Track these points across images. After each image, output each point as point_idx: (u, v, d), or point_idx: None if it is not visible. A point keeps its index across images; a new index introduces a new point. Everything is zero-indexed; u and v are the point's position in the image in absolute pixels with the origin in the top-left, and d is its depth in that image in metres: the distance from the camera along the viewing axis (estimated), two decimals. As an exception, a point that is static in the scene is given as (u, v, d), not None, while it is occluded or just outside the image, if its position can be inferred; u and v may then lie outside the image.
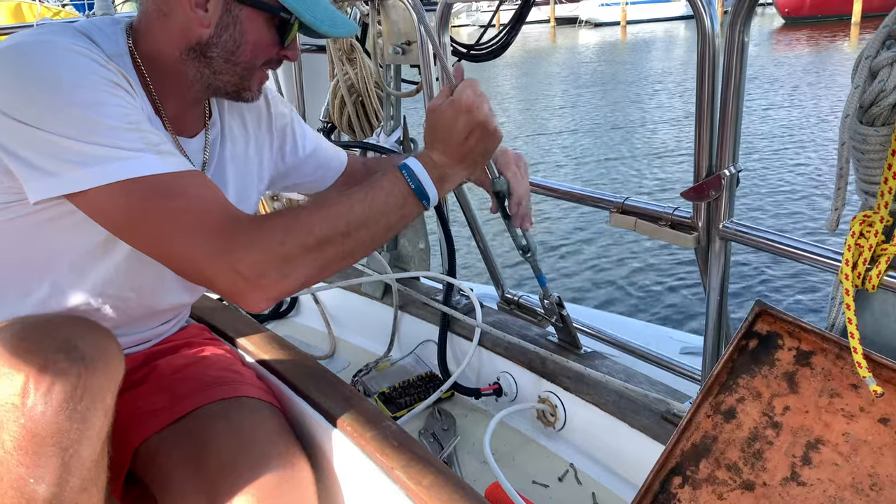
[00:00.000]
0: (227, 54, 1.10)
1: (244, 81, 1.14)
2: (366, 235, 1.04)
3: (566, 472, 1.58)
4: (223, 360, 1.36)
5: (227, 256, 0.96)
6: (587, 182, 8.92)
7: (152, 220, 0.96)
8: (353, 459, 1.19)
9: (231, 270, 0.96)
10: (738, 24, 1.13)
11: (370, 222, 1.04)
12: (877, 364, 0.99)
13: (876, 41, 0.93)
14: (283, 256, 0.97)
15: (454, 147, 1.09)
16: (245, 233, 0.98)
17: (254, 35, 1.09)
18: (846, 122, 0.96)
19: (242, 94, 1.16)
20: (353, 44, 2.02)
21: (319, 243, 1.00)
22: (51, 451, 0.90)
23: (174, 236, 0.97)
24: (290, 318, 2.44)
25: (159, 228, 0.97)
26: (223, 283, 0.98)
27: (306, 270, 1.00)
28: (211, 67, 1.11)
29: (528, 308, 1.86)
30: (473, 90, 1.09)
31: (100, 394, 0.93)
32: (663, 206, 1.39)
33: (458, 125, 1.08)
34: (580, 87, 17.32)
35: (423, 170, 1.07)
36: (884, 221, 0.97)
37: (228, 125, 1.28)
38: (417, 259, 2.15)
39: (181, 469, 1.14)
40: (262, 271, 0.96)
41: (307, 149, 1.42)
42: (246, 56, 1.11)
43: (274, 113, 1.37)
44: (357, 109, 2.10)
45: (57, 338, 0.92)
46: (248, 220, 1.01)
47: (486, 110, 1.09)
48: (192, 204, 0.98)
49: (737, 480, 1.04)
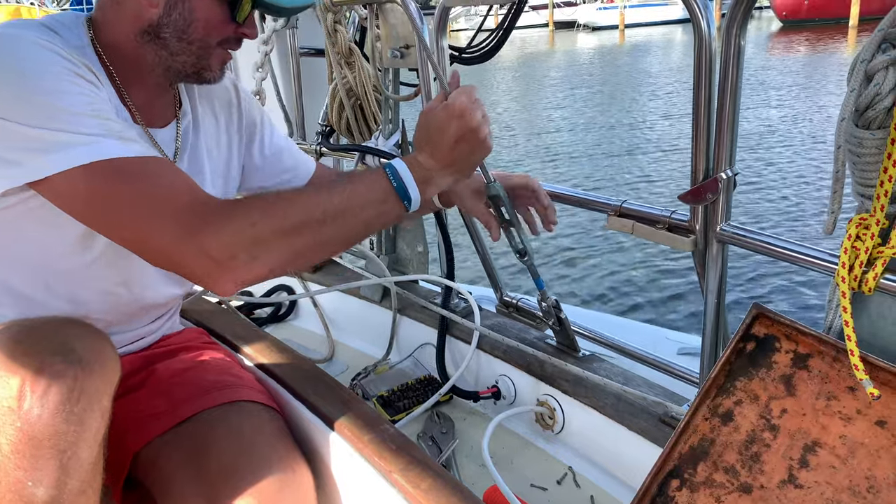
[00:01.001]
0: (179, 33, 1.10)
1: (202, 61, 1.14)
2: (342, 227, 1.02)
3: (564, 475, 1.58)
4: (222, 364, 1.36)
5: (196, 238, 0.94)
6: (584, 185, 8.93)
7: (116, 203, 0.95)
8: (352, 463, 1.19)
9: (200, 252, 0.94)
10: (735, 27, 1.13)
11: (348, 214, 1.02)
12: (873, 367, 0.99)
13: (871, 45, 0.94)
14: (254, 238, 0.95)
15: (442, 151, 1.08)
16: (214, 214, 0.96)
17: (203, 12, 1.09)
18: (842, 126, 0.97)
19: (203, 74, 1.16)
20: (352, 47, 2.02)
21: (293, 228, 0.98)
22: (48, 454, 0.90)
23: (140, 219, 0.95)
24: (288, 322, 2.44)
25: (124, 211, 0.96)
26: (192, 266, 0.96)
27: (278, 255, 0.98)
28: (167, 49, 1.11)
29: (527, 311, 1.86)
30: (468, 96, 1.09)
31: (96, 396, 0.93)
32: (660, 209, 1.39)
33: (449, 130, 1.07)
34: (578, 90, 17.34)
35: (408, 170, 1.07)
36: (880, 224, 0.98)
37: (201, 115, 1.28)
38: (416, 262, 2.15)
39: (182, 473, 1.14)
40: (232, 253, 0.94)
41: (273, 148, 1.41)
42: (198, 34, 1.11)
43: (244, 108, 1.37)
44: (356, 113, 2.10)
45: (53, 340, 0.93)
46: (218, 202, 0.99)
47: (479, 118, 1.08)
48: (158, 185, 0.97)
49: (734, 483, 1.04)
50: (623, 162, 9.97)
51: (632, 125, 12.44)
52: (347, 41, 2.01)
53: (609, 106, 14.60)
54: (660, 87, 16.48)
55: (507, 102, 16.37)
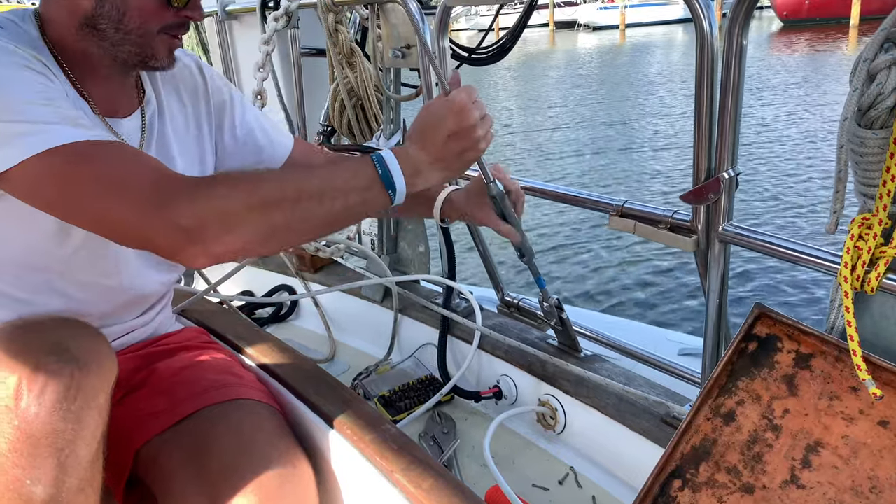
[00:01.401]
0: (115, 24, 1.07)
1: (145, 49, 1.11)
2: (319, 209, 0.98)
3: (566, 475, 1.58)
4: (223, 364, 1.36)
5: (165, 209, 0.91)
6: (585, 185, 8.93)
7: (78, 185, 0.93)
8: (353, 463, 1.19)
9: (169, 223, 0.90)
10: (737, 27, 1.13)
11: (326, 196, 0.99)
12: (876, 367, 0.99)
13: (874, 44, 0.94)
14: (226, 210, 0.93)
15: (434, 145, 1.06)
16: (183, 186, 0.94)
17: (135, 1, 1.07)
18: (844, 125, 0.97)
19: (149, 62, 1.13)
20: (354, 47, 2.02)
21: (265, 204, 0.95)
22: (46, 452, 0.90)
23: (103, 197, 0.92)
24: (289, 322, 2.44)
25: (87, 192, 0.92)
26: (161, 239, 0.92)
27: (252, 228, 0.94)
28: (107, 40, 1.09)
29: (528, 311, 1.86)
30: (468, 95, 1.08)
31: (93, 394, 0.93)
32: (662, 209, 1.39)
33: (444, 124, 1.06)
34: (579, 89, 17.34)
35: (395, 161, 1.04)
36: (882, 224, 0.98)
37: (166, 101, 1.26)
38: (417, 262, 2.15)
39: (182, 471, 1.14)
40: (202, 222, 0.91)
41: (245, 128, 1.37)
42: (134, 23, 1.08)
43: (211, 88, 1.34)
44: (357, 113, 2.10)
45: (48, 340, 0.93)
46: (188, 177, 0.97)
47: (476, 117, 1.07)
48: (120, 164, 0.94)
49: (736, 483, 1.04)
50: (624, 162, 9.97)
51: (632, 125, 12.43)
52: (349, 41, 2.01)
53: (609, 106, 14.60)
54: (660, 87, 16.48)
55: (507, 101, 16.37)
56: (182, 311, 1.63)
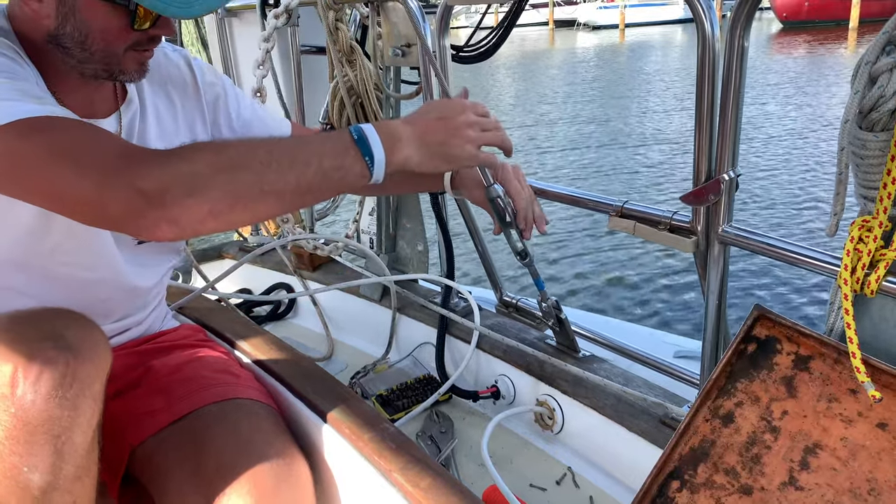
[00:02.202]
0: (79, 44, 1.04)
1: (112, 67, 1.07)
2: (291, 173, 0.93)
3: (564, 475, 1.57)
4: (220, 362, 1.36)
5: (124, 175, 0.86)
6: (585, 184, 8.93)
7: (29, 157, 0.88)
8: (351, 461, 1.19)
9: (128, 188, 0.85)
10: (738, 28, 1.13)
11: (298, 160, 0.94)
12: (875, 369, 0.99)
13: (876, 47, 0.94)
14: (190, 172, 0.87)
15: (420, 122, 1.05)
16: (145, 155, 0.90)
17: (97, 23, 1.02)
18: (846, 128, 0.97)
19: (118, 77, 1.10)
20: (354, 45, 2.01)
21: (232, 166, 0.90)
22: (43, 440, 0.90)
23: (56, 167, 0.87)
24: (287, 320, 2.44)
25: (38, 164, 0.88)
26: (119, 205, 0.85)
27: (218, 193, 0.88)
28: (73, 57, 1.05)
29: (527, 311, 1.86)
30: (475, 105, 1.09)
31: (88, 381, 0.93)
32: (662, 209, 1.39)
33: (436, 107, 1.07)
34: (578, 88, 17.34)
35: (374, 130, 1.00)
36: (883, 227, 0.98)
37: (151, 103, 1.23)
38: (416, 261, 2.15)
39: (179, 470, 1.13)
40: (163, 186, 0.85)
41: (241, 121, 1.35)
42: (98, 45, 1.04)
43: (202, 84, 1.31)
44: (356, 111, 2.10)
45: (43, 328, 0.93)
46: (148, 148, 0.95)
47: (469, 116, 1.07)
48: (81, 138, 0.90)
49: (735, 485, 1.04)
50: (624, 162, 9.97)
51: (633, 125, 12.44)
52: (349, 39, 2.01)
53: (610, 105, 14.60)
54: (660, 87, 16.48)
55: (506, 100, 16.36)
56: (179, 308, 1.63)
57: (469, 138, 1.07)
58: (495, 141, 1.11)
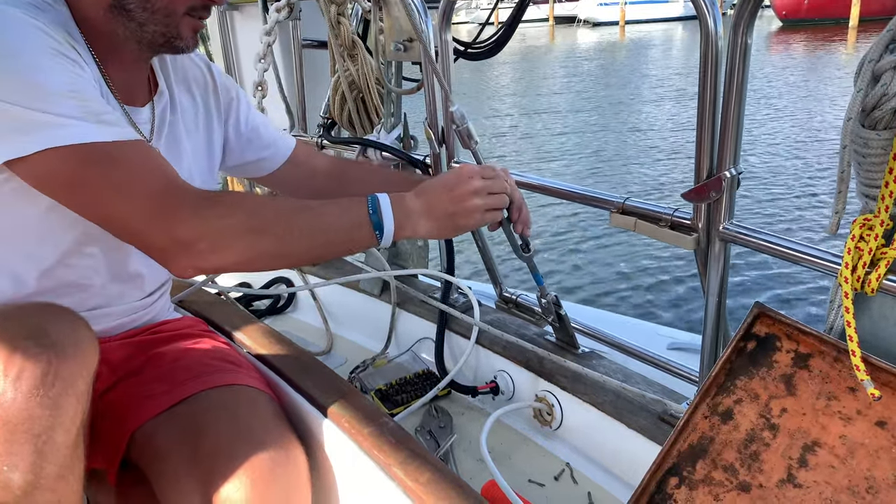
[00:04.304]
0: (143, 3, 1.09)
1: (171, 29, 1.13)
2: (306, 242, 1.05)
3: (562, 471, 1.58)
4: (221, 351, 1.37)
5: (166, 219, 0.98)
6: (585, 181, 8.92)
7: (91, 186, 0.98)
8: (350, 455, 1.19)
9: (168, 233, 0.98)
10: (742, 25, 1.13)
11: (316, 231, 1.05)
12: (875, 367, 1.00)
13: (879, 45, 0.94)
14: (221, 230, 1.00)
15: (428, 196, 1.12)
16: (187, 199, 1.01)
17: None
18: (848, 126, 0.97)
19: (174, 42, 1.15)
20: (355, 40, 2.01)
21: (258, 230, 1.02)
22: (23, 438, 0.89)
23: (114, 200, 0.98)
24: (287, 314, 2.44)
25: (98, 194, 0.98)
26: (158, 247, 1.00)
27: (240, 251, 1.01)
28: (134, 20, 1.11)
29: (526, 307, 1.86)
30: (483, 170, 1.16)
31: (71, 380, 0.92)
32: (663, 207, 1.39)
33: (446, 181, 1.13)
34: (578, 85, 17.34)
35: (390, 206, 1.09)
36: (884, 225, 0.98)
37: (177, 97, 1.30)
38: (416, 257, 2.15)
39: (177, 453, 1.14)
40: (197, 238, 0.98)
41: (250, 125, 1.43)
42: (161, 2, 1.10)
43: (220, 85, 1.39)
44: (358, 106, 2.10)
45: (26, 324, 0.92)
46: (193, 189, 1.03)
47: (476, 186, 1.12)
48: (134, 170, 1.00)
49: (733, 482, 1.04)
50: (624, 159, 9.97)
51: (633, 122, 12.43)
52: (351, 34, 2.01)
53: (610, 102, 14.59)
54: (660, 85, 16.47)
55: (506, 97, 16.34)
56: (180, 301, 1.63)
57: (475, 208, 1.14)
58: (501, 204, 1.19)
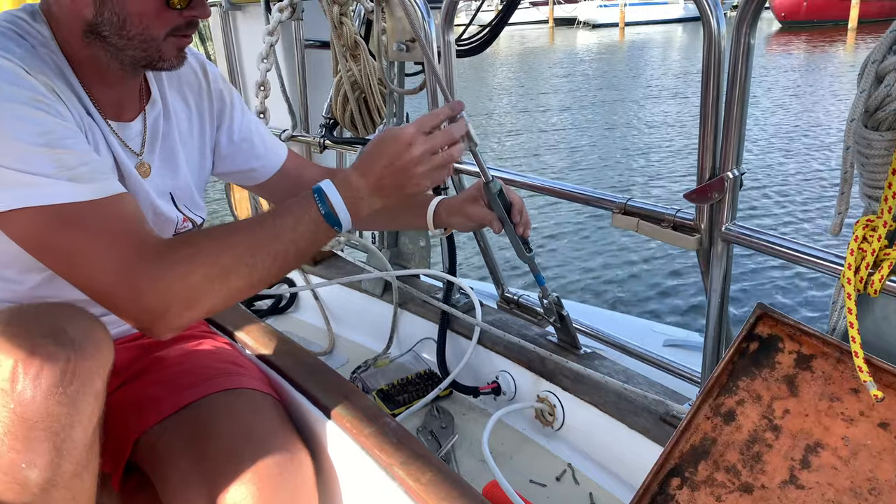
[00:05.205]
0: (117, 30, 1.05)
1: (152, 53, 1.09)
2: (273, 265, 1.03)
3: (564, 471, 1.58)
4: (224, 353, 1.37)
5: (131, 292, 0.96)
6: (586, 182, 8.92)
7: (57, 249, 0.97)
8: (352, 455, 1.19)
9: (135, 305, 0.96)
10: (744, 26, 1.13)
11: (279, 253, 1.03)
12: (877, 368, 1.00)
13: (883, 46, 0.94)
14: (188, 289, 0.97)
15: (373, 175, 1.07)
16: (149, 266, 0.97)
17: (135, 6, 1.04)
18: (851, 127, 0.97)
19: (158, 64, 1.11)
20: (358, 40, 2.01)
21: (225, 274, 0.99)
22: (42, 436, 0.90)
23: (79, 267, 0.97)
24: (289, 314, 2.44)
25: (64, 258, 0.97)
26: (128, 317, 0.99)
27: (212, 300, 1.00)
28: (112, 46, 1.07)
29: (528, 307, 1.86)
30: (418, 128, 1.07)
31: (89, 378, 0.93)
32: (665, 207, 1.39)
33: (383, 156, 1.07)
34: (578, 86, 17.34)
35: (338, 194, 1.06)
36: (887, 226, 0.98)
37: (171, 104, 1.26)
38: (418, 257, 2.15)
39: (182, 458, 1.14)
40: (166, 306, 0.96)
41: (242, 134, 1.38)
42: (137, 28, 1.05)
43: (213, 90, 1.34)
44: (360, 106, 2.10)
45: (45, 323, 0.93)
46: (154, 251, 0.99)
47: (416, 153, 1.06)
48: (98, 236, 0.97)
49: (735, 483, 1.04)
50: (626, 160, 9.97)
51: (634, 123, 12.43)
52: (353, 34, 2.01)
53: (610, 104, 14.59)
54: (661, 86, 16.47)
55: (506, 98, 16.35)
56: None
57: (421, 175, 1.08)
58: (446, 161, 1.11)
